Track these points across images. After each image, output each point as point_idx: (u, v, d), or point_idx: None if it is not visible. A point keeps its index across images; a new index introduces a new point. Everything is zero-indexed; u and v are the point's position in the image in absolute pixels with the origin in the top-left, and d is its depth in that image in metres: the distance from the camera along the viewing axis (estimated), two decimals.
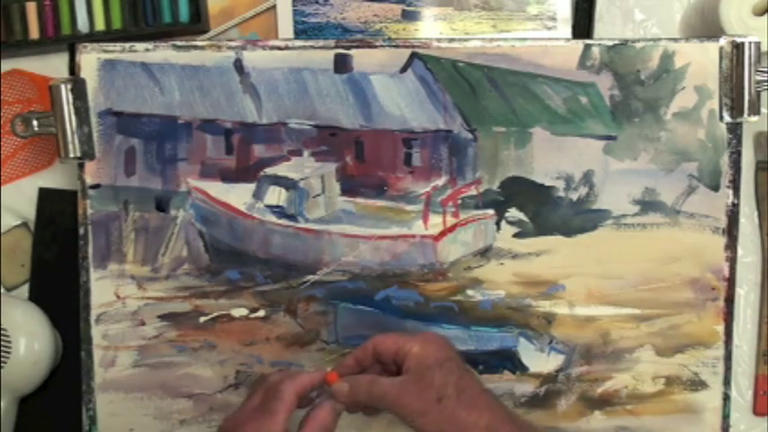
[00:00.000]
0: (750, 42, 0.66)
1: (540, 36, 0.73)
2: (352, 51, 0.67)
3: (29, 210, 0.74)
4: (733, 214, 0.68)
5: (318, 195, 0.68)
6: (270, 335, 0.68)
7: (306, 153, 0.67)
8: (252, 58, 0.67)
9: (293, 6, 0.73)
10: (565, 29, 0.73)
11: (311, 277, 0.68)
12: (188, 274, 0.68)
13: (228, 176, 0.67)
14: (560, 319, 0.68)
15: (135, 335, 0.67)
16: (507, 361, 0.68)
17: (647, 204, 0.68)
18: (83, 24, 0.73)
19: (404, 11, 0.73)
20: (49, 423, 0.72)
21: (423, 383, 0.55)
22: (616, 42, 0.67)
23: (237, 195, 0.67)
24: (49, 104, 0.65)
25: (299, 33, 0.73)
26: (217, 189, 0.67)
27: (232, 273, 0.68)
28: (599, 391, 0.68)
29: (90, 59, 0.66)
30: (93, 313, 0.67)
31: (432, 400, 0.54)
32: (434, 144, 0.67)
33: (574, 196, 0.68)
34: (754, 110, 0.66)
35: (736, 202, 0.68)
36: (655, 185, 0.68)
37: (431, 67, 0.67)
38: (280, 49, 0.67)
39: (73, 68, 0.66)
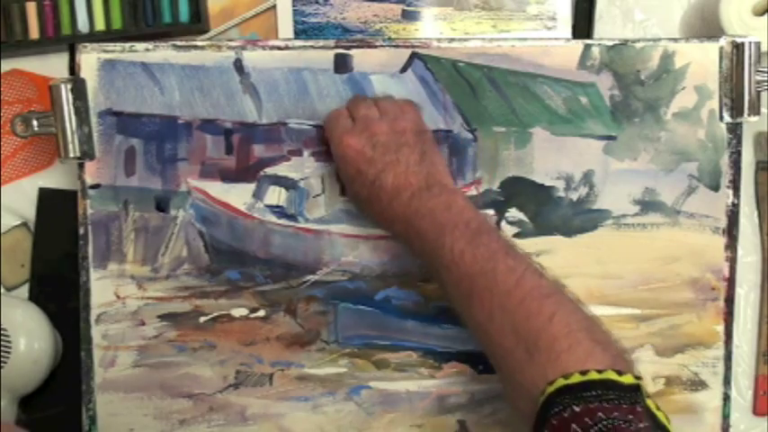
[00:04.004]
0: (750, 42, 0.66)
1: (540, 36, 0.72)
2: (352, 51, 0.67)
3: (29, 210, 0.74)
4: (733, 214, 0.68)
5: (318, 195, 0.68)
6: (270, 335, 0.68)
7: (306, 153, 0.67)
8: (252, 58, 0.67)
9: (293, 6, 0.73)
10: (565, 29, 0.73)
11: (311, 277, 0.68)
12: (188, 274, 0.67)
13: (228, 176, 0.67)
14: None
15: (135, 335, 0.67)
16: None
17: (647, 204, 0.68)
18: (83, 24, 0.73)
19: (404, 11, 0.73)
20: (49, 423, 0.72)
21: None
22: (616, 42, 0.67)
23: (237, 195, 0.67)
24: (49, 104, 0.65)
25: (299, 33, 0.73)
26: (217, 189, 0.67)
27: (232, 273, 0.68)
28: None
29: (90, 59, 0.66)
30: (93, 313, 0.67)
31: None
32: None
33: (574, 196, 0.68)
34: (754, 110, 0.66)
35: (736, 202, 0.68)
36: (655, 185, 0.68)
37: (431, 68, 0.67)
38: (280, 49, 0.67)
39: (73, 68, 0.66)
